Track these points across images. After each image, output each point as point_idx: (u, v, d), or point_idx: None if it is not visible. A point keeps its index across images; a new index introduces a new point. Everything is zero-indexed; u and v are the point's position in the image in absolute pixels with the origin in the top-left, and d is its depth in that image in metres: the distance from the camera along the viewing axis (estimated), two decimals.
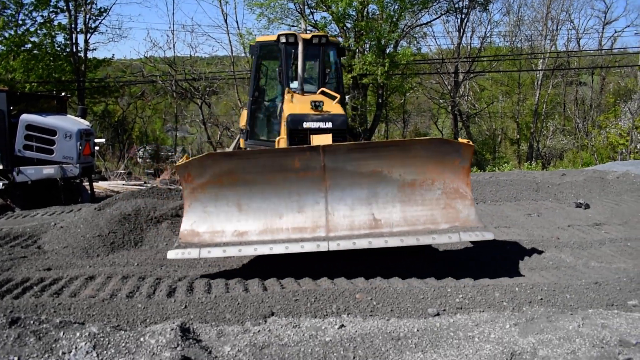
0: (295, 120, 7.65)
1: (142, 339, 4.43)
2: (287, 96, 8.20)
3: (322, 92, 8.55)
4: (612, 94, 31.74)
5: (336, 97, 8.20)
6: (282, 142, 7.81)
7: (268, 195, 6.15)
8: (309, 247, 5.93)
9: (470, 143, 6.32)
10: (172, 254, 5.81)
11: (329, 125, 7.70)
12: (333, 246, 5.97)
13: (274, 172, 6.08)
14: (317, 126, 7.65)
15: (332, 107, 8.02)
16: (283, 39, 8.79)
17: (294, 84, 8.77)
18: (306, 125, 7.63)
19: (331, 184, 6.16)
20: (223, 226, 6.09)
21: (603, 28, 38.32)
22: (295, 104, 7.96)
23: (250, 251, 5.95)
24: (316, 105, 7.76)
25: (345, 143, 6.49)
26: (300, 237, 6.07)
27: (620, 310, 5.52)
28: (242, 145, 9.95)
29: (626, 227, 9.29)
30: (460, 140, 6.40)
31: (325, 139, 7.23)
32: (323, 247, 5.94)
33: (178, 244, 5.94)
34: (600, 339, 4.75)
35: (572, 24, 38.93)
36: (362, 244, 6.00)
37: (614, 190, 12.25)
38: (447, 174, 6.32)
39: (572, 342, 4.70)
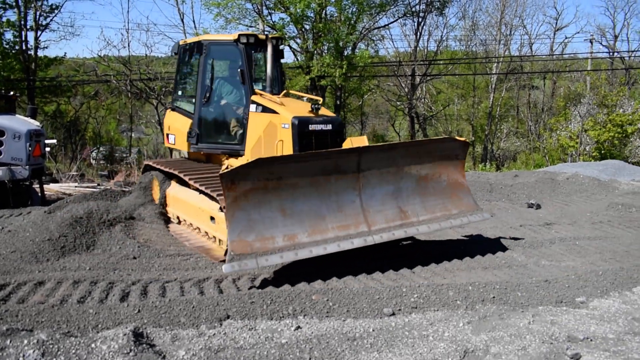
0: (302, 123, 7.61)
1: (93, 345, 4.32)
2: (262, 99, 8.08)
3: (287, 94, 8.80)
4: (563, 98, 32.74)
5: (320, 100, 9.04)
6: (284, 145, 7.61)
7: (309, 197, 6.28)
8: (357, 243, 6.38)
9: (467, 140, 7.61)
10: (228, 268, 5.59)
11: (329, 127, 7.91)
12: (377, 239, 6.52)
13: (315, 175, 6.28)
14: (320, 128, 7.81)
15: (323, 109, 8.19)
16: (244, 40, 8.43)
17: (258, 86, 8.70)
18: (311, 127, 7.71)
19: (364, 182, 6.63)
20: (271, 232, 5.98)
21: (554, 34, 39.61)
22: (291, 107, 7.91)
23: (306, 253, 6.02)
24: (316, 108, 7.92)
25: (379, 144, 7.26)
26: (346, 234, 6.39)
27: (569, 307, 5.69)
28: (183, 149, 9.40)
29: (575, 226, 9.60)
30: (458, 138, 7.54)
31: (362, 141, 8.25)
32: (370, 241, 6.46)
33: (231, 256, 5.66)
34: (549, 335, 4.89)
35: (524, 29, 40.05)
36: (400, 234, 6.74)
37: (564, 190, 12.65)
38: (450, 168, 7.44)
39: (523, 338, 4.83)
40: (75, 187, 14.39)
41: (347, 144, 8.14)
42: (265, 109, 7.93)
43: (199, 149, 8.93)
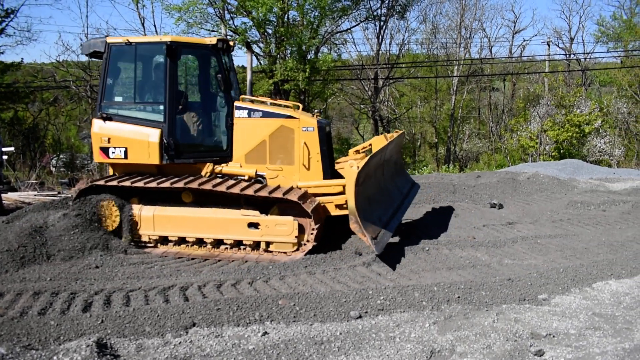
0: (323, 126, 8.34)
1: (55, 358, 4.23)
2: (261, 105, 8.40)
3: (252, 100, 8.83)
4: (522, 99, 33.33)
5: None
6: (309, 146, 8.07)
7: (378, 187, 8.27)
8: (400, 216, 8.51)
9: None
10: (379, 249, 6.90)
11: (329, 128, 8.91)
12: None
13: (377, 168, 8.20)
14: (328, 130, 8.85)
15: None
16: (221, 44, 8.23)
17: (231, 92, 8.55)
18: (327, 129, 8.69)
19: (384, 172, 8.77)
20: (372, 218, 7.39)
21: (513, 37, 40.37)
22: (298, 113, 8.28)
23: (389, 231, 7.59)
24: (314, 113, 8.58)
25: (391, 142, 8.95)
26: (392, 213, 8.30)
27: (532, 305, 5.81)
28: (143, 162, 8.15)
29: (536, 225, 9.81)
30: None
31: (384, 140, 9.45)
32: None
33: (374, 242, 6.91)
34: (513, 333, 4.99)
35: (484, 32, 40.64)
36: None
37: (525, 190, 12.91)
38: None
39: (488, 337, 4.91)
40: (35, 195, 14.01)
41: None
42: (269, 114, 8.20)
43: (182, 161, 8.18)
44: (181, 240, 7.99)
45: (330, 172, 8.24)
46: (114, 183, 7.84)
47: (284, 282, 6.36)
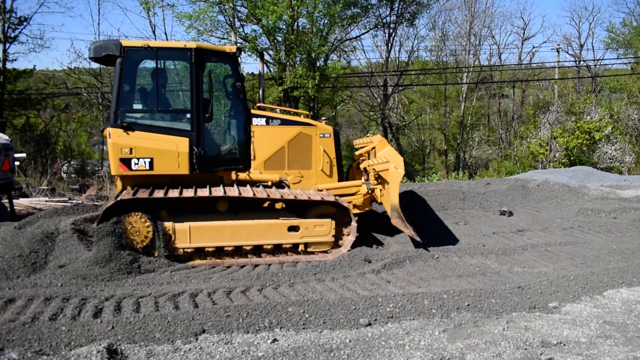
0: (337, 133, 9.08)
1: None
2: (277, 113, 8.74)
3: (261, 107, 8.89)
4: (532, 106, 33.26)
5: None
6: (327, 151, 8.80)
7: None
8: None
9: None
10: (420, 239, 7.90)
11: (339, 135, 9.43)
12: None
13: None
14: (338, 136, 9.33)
15: None
16: (239, 53, 8.30)
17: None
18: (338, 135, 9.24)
19: None
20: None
21: (522, 44, 40.34)
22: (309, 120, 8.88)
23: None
24: (327, 120, 9.18)
25: None
26: None
27: (542, 313, 5.78)
28: (171, 172, 7.85)
29: (546, 232, 9.76)
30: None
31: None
32: None
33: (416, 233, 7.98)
34: (523, 341, 4.96)
35: (493, 39, 40.80)
36: None
37: (535, 197, 12.85)
38: None
39: (498, 345, 4.88)
40: (46, 201, 14.13)
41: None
42: (288, 122, 8.63)
43: (209, 170, 8.06)
44: (216, 250, 7.81)
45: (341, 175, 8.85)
46: (159, 195, 7.41)
47: (293, 289, 6.36)
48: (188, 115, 7.91)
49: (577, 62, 38.72)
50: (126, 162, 7.62)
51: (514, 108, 38.78)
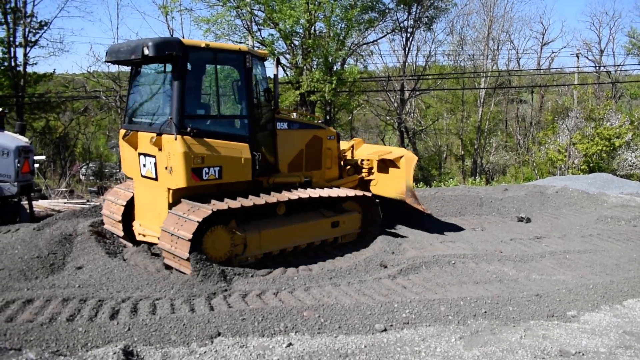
0: (338, 134, 9.75)
1: None
2: (296, 118, 9.02)
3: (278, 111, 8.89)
4: (551, 112, 32.98)
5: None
6: (332, 152, 9.39)
7: None
8: None
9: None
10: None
11: None
12: None
13: None
14: None
15: None
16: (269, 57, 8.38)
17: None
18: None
19: None
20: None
21: (541, 48, 40.13)
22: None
23: None
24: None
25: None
26: None
27: (560, 321, 5.71)
28: (238, 179, 7.52)
29: (565, 239, 9.64)
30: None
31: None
32: None
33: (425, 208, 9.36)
34: (541, 350, 4.90)
35: (512, 44, 40.39)
36: None
37: (554, 204, 12.71)
38: None
39: (515, 353, 4.83)
40: (65, 203, 14.26)
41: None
42: (305, 126, 8.94)
43: (261, 175, 7.86)
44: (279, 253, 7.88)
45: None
46: (248, 203, 7.09)
47: (308, 294, 6.35)
48: (245, 121, 7.60)
49: (597, 68, 38.35)
50: (198, 172, 6.94)
51: (533, 113, 38.48)
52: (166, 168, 6.95)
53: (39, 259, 7.12)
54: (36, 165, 13.73)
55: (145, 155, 7.33)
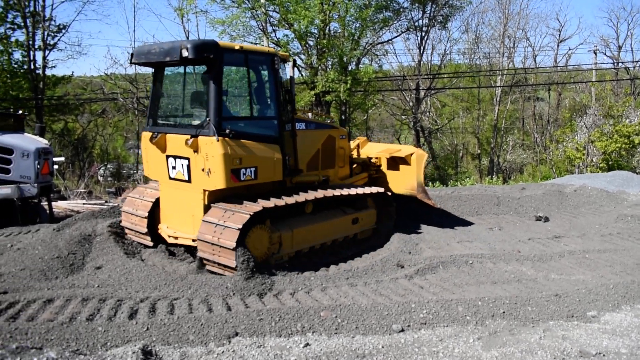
0: (349, 133, 9.93)
1: None
2: (312, 118, 9.17)
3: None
4: (568, 109, 32.66)
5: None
6: (345, 151, 9.61)
7: None
8: None
9: None
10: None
11: None
12: None
13: None
14: None
15: None
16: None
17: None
18: None
19: None
20: None
21: (558, 45, 39.69)
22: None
23: None
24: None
25: None
26: None
27: (580, 322, 5.64)
28: (272, 179, 7.62)
29: (584, 239, 9.54)
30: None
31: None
32: None
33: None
34: (561, 351, 4.85)
35: (528, 41, 40.10)
36: None
37: (572, 203, 12.57)
38: None
39: (534, 354, 4.78)
40: (84, 204, 14.43)
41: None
42: (321, 126, 9.13)
43: (289, 175, 7.97)
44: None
45: None
46: (291, 200, 7.28)
47: (325, 294, 6.35)
48: (275, 122, 7.71)
49: (615, 64, 37.83)
50: (236, 172, 7.05)
51: (550, 111, 38.08)
52: (203, 170, 6.96)
53: (59, 259, 7.21)
54: (55, 167, 13.90)
55: (176, 157, 7.32)
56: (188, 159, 7.13)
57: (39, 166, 10.82)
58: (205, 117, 6.90)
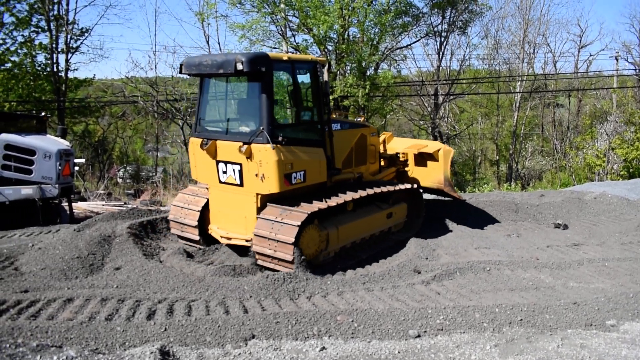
0: (378, 131, 10.44)
1: None
2: (345, 118, 9.75)
3: None
4: (589, 116, 32.30)
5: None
6: (376, 148, 10.07)
7: None
8: None
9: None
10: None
11: None
12: None
13: None
14: None
15: None
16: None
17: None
18: None
19: None
20: None
21: (578, 51, 39.21)
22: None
23: None
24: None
25: None
26: None
27: (599, 330, 5.58)
28: (317, 181, 8.03)
29: (604, 247, 9.43)
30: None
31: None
32: None
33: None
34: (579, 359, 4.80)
35: (548, 47, 39.78)
36: None
37: (592, 210, 12.42)
38: None
39: None
40: (103, 205, 14.61)
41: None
42: (354, 125, 9.52)
43: (331, 176, 8.37)
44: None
45: None
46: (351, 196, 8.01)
47: (342, 298, 6.36)
48: (318, 126, 8.15)
49: (637, 71, 37.32)
50: (288, 177, 7.47)
51: (570, 118, 37.72)
52: (257, 175, 7.36)
53: (79, 259, 7.31)
54: (76, 168, 14.10)
55: (227, 162, 7.70)
56: (240, 164, 7.54)
57: (60, 167, 10.98)
58: (257, 125, 7.31)
